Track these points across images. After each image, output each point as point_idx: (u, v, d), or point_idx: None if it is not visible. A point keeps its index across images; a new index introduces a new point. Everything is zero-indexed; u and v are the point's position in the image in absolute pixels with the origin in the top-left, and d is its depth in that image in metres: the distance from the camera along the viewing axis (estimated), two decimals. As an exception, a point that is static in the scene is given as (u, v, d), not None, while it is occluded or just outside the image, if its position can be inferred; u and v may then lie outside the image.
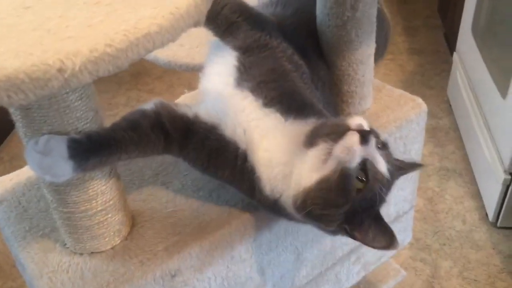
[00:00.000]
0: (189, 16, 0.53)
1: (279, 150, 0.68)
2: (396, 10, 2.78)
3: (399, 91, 0.97)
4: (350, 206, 0.63)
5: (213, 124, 0.72)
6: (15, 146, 2.02)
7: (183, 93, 1.07)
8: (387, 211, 0.99)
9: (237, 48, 0.74)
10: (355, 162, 0.62)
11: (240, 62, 0.73)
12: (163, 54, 1.14)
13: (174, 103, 0.75)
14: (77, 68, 0.46)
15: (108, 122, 0.69)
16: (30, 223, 0.78)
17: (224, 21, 0.75)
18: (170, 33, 0.51)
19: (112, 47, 0.48)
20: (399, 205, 1.01)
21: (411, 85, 2.19)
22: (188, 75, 0.85)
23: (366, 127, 0.64)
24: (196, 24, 0.54)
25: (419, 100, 0.94)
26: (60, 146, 0.61)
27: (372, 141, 0.63)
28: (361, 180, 0.63)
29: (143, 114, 0.71)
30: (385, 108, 0.93)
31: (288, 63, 0.74)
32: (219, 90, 0.73)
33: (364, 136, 0.62)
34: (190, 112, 0.73)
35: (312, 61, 0.82)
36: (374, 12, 0.84)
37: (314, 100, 0.74)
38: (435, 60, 2.36)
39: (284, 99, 0.71)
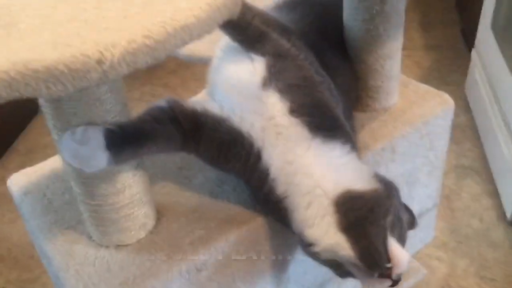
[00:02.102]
0: (226, 7, 0.52)
1: (303, 171, 0.68)
2: (412, 5, 2.74)
3: (425, 87, 0.96)
4: None
5: (223, 117, 0.72)
6: (32, 138, 2.02)
7: (197, 87, 1.06)
8: (411, 207, 0.98)
9: (266, 53, 0.72)
10: None
11: (270, 63, 0.71)
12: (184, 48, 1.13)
13: (183, 99, 0.75)
14: (116, 59, 0.46)
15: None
16: (56, 216, 0.78)
17: (255, 31, 0.72)
18: (208, 25, 0.50)
19: (150, 38, 0.47)
20: (422, 202, 1.00)
21: (427, 81, 2.13)
22: (202, 69, 0.85)
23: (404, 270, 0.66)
24: (231, 16, 0.53)
25: (446, 95, 0.93)
26: (97, 136, 0.61)
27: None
28: None
29: (161, 109, 0.72)
30: (412, 103, 0.91)
31: (316, 74, 0.74)
32: (240, 86, 0.72)
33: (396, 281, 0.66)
34: (198, 106, 0.74)
35: (328, 61, 0.81)
36: (402, 6, 0.83)
37: (341, 117, 0.73)
38: (452, 56, 2.32)
39: (314, 112, 0.70)
